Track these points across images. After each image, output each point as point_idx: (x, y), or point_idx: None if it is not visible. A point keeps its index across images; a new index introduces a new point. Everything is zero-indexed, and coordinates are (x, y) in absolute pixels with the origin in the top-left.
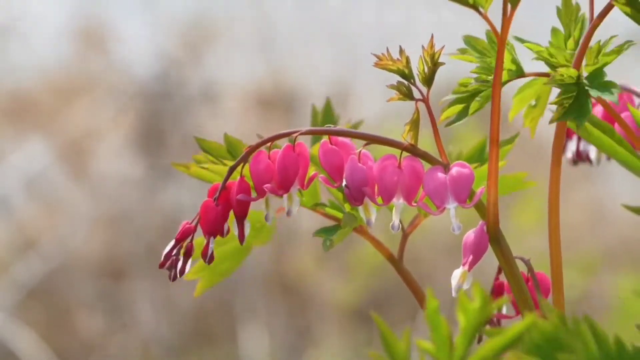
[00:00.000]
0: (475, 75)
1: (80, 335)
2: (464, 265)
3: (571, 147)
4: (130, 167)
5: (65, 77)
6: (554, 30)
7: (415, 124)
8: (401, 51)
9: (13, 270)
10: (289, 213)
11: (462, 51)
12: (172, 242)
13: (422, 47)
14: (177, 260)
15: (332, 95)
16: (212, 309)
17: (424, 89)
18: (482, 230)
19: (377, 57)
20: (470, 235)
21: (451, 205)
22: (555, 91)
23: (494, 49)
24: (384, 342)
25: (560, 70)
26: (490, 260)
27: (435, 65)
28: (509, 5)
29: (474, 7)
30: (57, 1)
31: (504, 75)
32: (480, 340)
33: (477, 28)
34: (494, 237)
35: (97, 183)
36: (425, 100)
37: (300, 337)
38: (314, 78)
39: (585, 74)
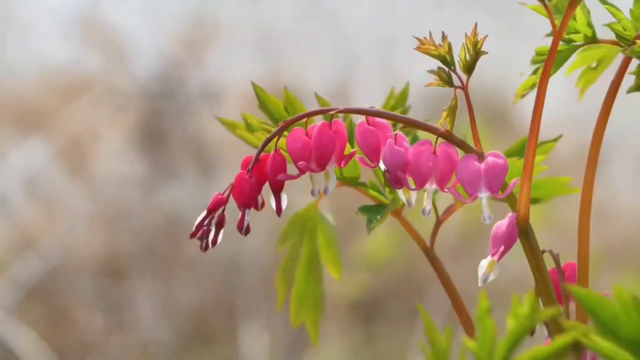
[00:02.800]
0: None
1: (79, 335)
2: (493, 255)
3: None
4: (130, 167)
5: (64, 77)
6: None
7: (452, 111)
8: (444, 37)
9: (12, 270)
10: (325, 191)
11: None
12: (204, 213)
13: (466, 34)
14: (209, 230)
15: (332, 95)
16: (212, 308)
17: (464, 77)
18: (514, 222)
19: (419, 40)
20: (500, 226)
21: (483, 195)
22: (618, 60)
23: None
24: (428, 335)
25: (639, 42)
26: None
27: (477, 53)
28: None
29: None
30: (57, 0)
31: (579, 38)
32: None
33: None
34: (523, 230)
35: (97, 182)
36: (464, 87)
37: (300, 336)
38: (314, 78)
39: None
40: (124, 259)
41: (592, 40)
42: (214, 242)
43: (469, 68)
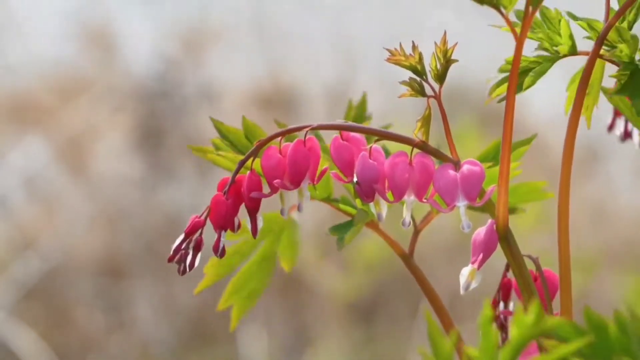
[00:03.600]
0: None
1: (79, 334)
2: (473, 263)
3: (620, 125)
4: (129, 167)
5: (64, 76)
6: (612, 11)
7: (426, 121)
8: (414, 47)
9: (12, 269)
10: (299, 208)
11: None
12: (182, 236)
13: (435, 43)
14: (187, 254)
15: (331, 95)
16: (211, 308)
17: (436, 86)
18: (492, 228)
19: (390, 52)
20: (479, 233)
21: (461, 203)
22: (608, 80)
23: (554, 25)
24: (431, 341)
25: (620, 46)
26: (498, 257)
27: (448, 62)
28: (530, 7)
29: (496, 7)
30: (57, 0)
31: (563, 50)
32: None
33: (478, 28)
34: (503, 235)
35: (96, 182)
36: (437, 97)
37: (299, 336)
38: (313, 78)
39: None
40: (123, 258)
41: (572, 52)
42: (192, 265)
43: (441, 77)
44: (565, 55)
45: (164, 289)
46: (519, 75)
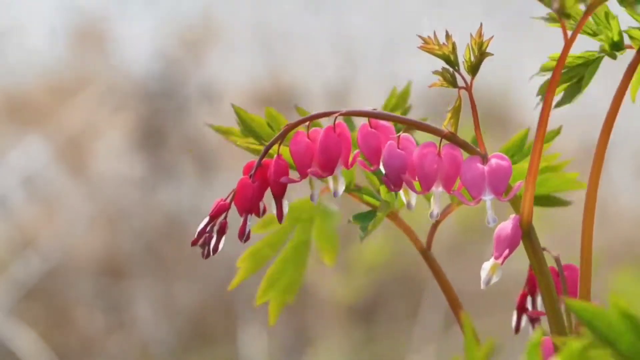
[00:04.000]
0: None
1: (79, 334)
2: (496, 258)
3: None
4: (129, 167)
5: (64, 76)
6: None
7: (456, 112)
8: (448, 36)
9: (12, 269)
10: (335, 194)
11: (552, 19)
12: (206, 219)
13: (471, 35)
14: (211, 237)
15: (332, 94)
16: (212, 308)
17: (468, 77)
18: (517, 224)
19: (423, 39)
20: (504, 228)
21: (487, 197)
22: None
23: (602, 20)
24: (467, 346)
25: None
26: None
27: (482, 54)
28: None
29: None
30: (57, 0)
31: (608, 47)
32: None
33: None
34: (526, 232)
35: (97, 182)
36: (468, 88)
37: (299, 336)
38: (314, 77)
39: None
40: (123, 259)
41: (620, 48)
42: (216, 249)
43: (474, 69)
44: (614, 52)
45: (164, 289)
46: (573, 72)
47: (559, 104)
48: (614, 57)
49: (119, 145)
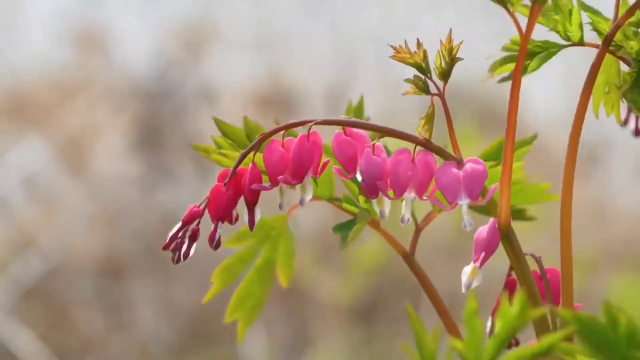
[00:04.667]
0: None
1: (79, 335)
2: (475, 261)
3: (632, 120)
4: (128, 167)
5: (63, 76)
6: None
7: (430, 119)
8: (419, 44)
9: (11, 270)
10: (301, 202)
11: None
12: (179, 224)
13: (440, 41)
14: (182, 242)
15: (331, 95)
16: (211, 308)
17: (440, 84)
18: (494, 227)
19: (394, 48)
20: (482, 232)
21: (464, 202)
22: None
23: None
24: (416, 337)
25: (631, 43)
26: (497, 257)
27: (452, 60)
28: (537, 5)
29: (502, 3)
30: (57, 0)
31: (573, 38)
32: (512, 345)
33: (478, 28)
34: (505, 234)
35: (96, 182)
36: (441, 95)
37: (299, 336)
38: (313, 78)
39: None
40: (123, 259)
41: (579, 43)
42: (186, 254)
43: (445, 75)
44: (573, 44)
45: (163, 289)
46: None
47: (503, 79)
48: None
49: (118, 146)
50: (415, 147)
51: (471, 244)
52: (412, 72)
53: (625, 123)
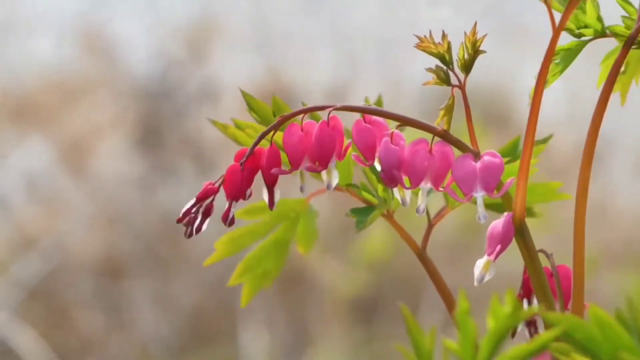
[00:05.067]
0: None
1: (79, 334)
2: (489, 254)
3: None
4: (130, 167)
5: (65, 77)
6: None
7: (449, 110)
8: (444, 36)
9: (13, 270)
10: (328, 187)
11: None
12: (193, 200)
13: (465, 33)
14: (195, 218)
15: (332, 94)
16: (212, 308)
17: (462, 76)
18: (509, 221)
19: (419, 38)
20: (496, 225)
21: (479, 194)
22: None
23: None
24: (411, 337)
25: None
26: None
27: (475, 52)
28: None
29: None
30: (58, 0)
31: (589, 32)
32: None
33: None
34: (519, 229)
35: (97, 182)
36: (461, 87)
37: (300, 335)
38: (314, 77)
39: None
40: (124, 258)
41: (601, 34)
42: (199, 229)
43: (467, 67)
44: (591, 39)
45: (164, 289)
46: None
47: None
48: (583, 42)
49: (119, 146)
50: (432, 137)
51: (477, 241)
52: (412, 71)
53: None
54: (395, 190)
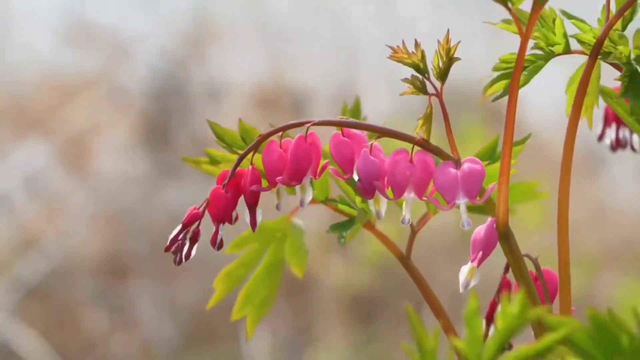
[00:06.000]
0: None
1: (81, 334)
2: (472, 261)
3: (610, 134)
4: (132, 166)
5: (67, 76)
6: (604, 9)
7: (427, 119)
8: (417, 45)
9: (14, 269)
10: (302, 203)
11: (507, 22)
12: (179, 227)
13: (438, 41)
14: (183, 244)
15: (335, 94)
16: (214, 307)
17: (438, 84)
18: (492, 226)
19: (392, 49)
20: (479, 231)
21: (461, 201)
22: (605, 77)
23: (548, 23)
24: (415, 336)
25: (619, 48)
26: (497, 256)
27: (450, 60)
28: (537, 4)
29: (504, 2)
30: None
31: (558, 49)
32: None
33: (478, 27)
34: (503, 234)
35: (99, 181)
36: (438, 95)
37: (302, 335)
38: (317, 77)
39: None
40: (126, 258)
41: (566, 51)
42: (187, 256)
43: (442, 75)
44: (559, 54)
45: (166, 289)
46: (510, 75)
47: (497, 97)
48: (551, 56)
49: (122, 145)
50: (413, 147)
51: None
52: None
53: (600, 139)
54: (371, 202)
